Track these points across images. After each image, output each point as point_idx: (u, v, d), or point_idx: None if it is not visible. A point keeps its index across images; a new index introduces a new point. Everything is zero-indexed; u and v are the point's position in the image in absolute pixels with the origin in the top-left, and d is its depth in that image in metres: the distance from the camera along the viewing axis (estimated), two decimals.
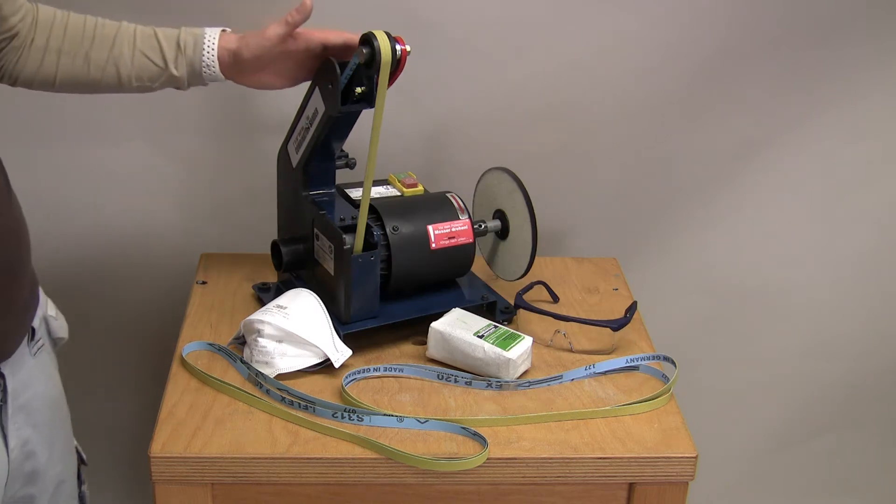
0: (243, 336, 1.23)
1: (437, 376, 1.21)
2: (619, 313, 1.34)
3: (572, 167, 1.58)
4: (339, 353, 1.20)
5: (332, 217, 1.25)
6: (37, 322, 1.15)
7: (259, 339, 1.19)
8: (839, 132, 1.58)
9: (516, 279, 1.38)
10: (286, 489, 1.10)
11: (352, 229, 1.21)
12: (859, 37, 1.51)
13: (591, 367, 1.23)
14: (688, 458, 1.10)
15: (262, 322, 1.19)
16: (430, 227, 1.28)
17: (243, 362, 1.20)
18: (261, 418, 1.12)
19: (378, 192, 1.34)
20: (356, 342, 1.23)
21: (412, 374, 1.21)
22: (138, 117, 1.48)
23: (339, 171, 1.32)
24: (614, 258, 1.55)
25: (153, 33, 1.19)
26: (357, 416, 1.11)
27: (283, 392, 1.15)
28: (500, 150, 1.48)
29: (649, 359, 1.25)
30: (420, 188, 1.36)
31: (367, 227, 1.22)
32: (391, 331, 1.27)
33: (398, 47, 1.14)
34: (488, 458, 1.07)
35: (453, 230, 1.29)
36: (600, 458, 1.09)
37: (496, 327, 1.24)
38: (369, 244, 1.23)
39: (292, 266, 1.32)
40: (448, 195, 1.33)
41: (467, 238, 1.30)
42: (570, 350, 1.28)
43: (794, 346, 1.75)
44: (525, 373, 1.23)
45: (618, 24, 1.47)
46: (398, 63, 1.15)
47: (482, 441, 1.09)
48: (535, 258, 1.34)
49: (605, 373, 1.23)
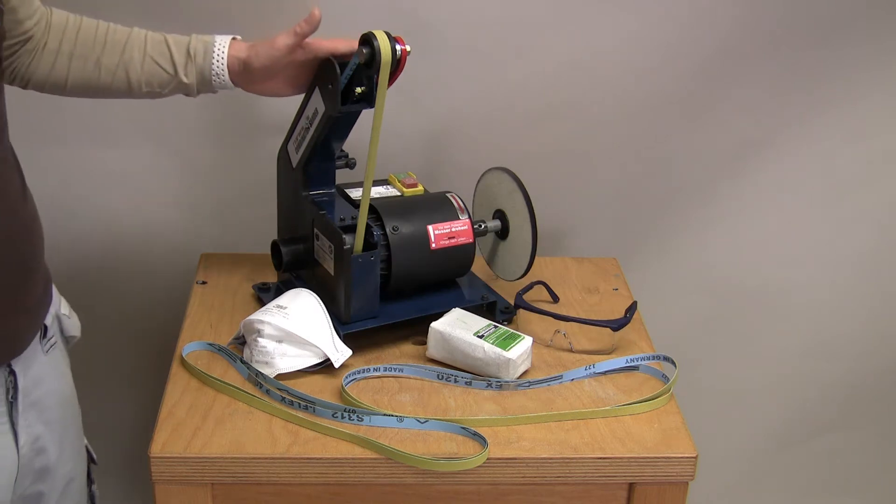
0: (243, 336, 1.23)
1: (437, 376, 1.21)
2: (619, 313, 1.34)
3: (572, 167, 1.58)
4: (339, 353, 1.20)
5: (332, 217, 1.25)
6: (49, 320, 1.15)
7: (259, 339, 1.19)
8: (839, 132, 1.58)
9: (516, 279, 1.38)
10: (286, 489, 1.10)
11: (352, 229, 1.21)
12: (859, 37, 1.51)
13: (591, 367, 1.23)
14: (688, 458, 1.10)
15: (262, 322, 1.19)
16: (430, 227, 1.28)
17: (243, 362, 1.20)
18: (261, 418, 1.12)
19: (378, 192, 1.34)
20: (356, 342, 1.23)
21: (412, 374, 1.21)
22: (138, 117, 1.47)
23: (339, 171, 1.33)
24: (614, 258, 1.55)
25: (164, 40, 1.20)
26: (357, 416, 1.11)
27: (283, 392, 1.15)
28: (500, 150, 1.48)
29: (649, 359, 1.25)
30: (420, 188, 1.36)
31: (367, 227, 1.22)
32: (391, 331, 1.27)
33: (398, 47, 1.14)
34: (488, 459, 1.07)
35: (453, 230, 1.29)
36: (600, 458, 1.09)
37: (496, 327, 1.24)
38: (369, 244, 1.23)
39: (292, 266, 1.32)
40: (448, 195, 1.33)
41: (467, 238, 1.30)
42: (570, 350, 1.28)
43: (794, 346, 1.75)
44: (525, 373, 1.23)
45: (618, 24, 1.46)
46: (398, 63, 1.15)
47: (482, 441, 1.09)
48: (535, 258, 1.34)
49: (605, 373, 1.23)
